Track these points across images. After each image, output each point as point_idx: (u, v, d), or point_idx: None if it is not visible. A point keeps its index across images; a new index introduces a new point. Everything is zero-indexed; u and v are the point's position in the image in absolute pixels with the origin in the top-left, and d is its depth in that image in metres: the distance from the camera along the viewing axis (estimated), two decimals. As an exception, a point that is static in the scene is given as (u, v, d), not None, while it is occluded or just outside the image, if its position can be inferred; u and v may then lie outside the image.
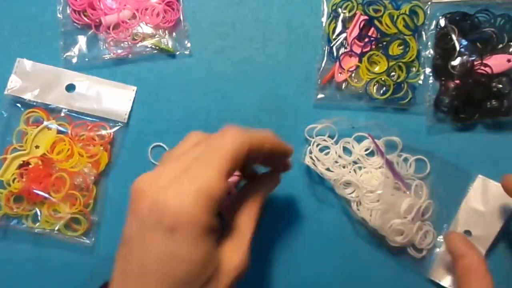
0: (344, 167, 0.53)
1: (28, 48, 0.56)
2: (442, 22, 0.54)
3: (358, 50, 0.54)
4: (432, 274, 0.52)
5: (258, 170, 0.46)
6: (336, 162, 0.53)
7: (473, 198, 0.52)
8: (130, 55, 0.56)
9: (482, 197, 0.52)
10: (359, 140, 0.54)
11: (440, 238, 0.52)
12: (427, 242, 0.51)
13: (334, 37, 0.55)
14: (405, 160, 0.53)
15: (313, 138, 0.53)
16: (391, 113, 0.55)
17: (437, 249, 0.52)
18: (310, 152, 0.53)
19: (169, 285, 0.32)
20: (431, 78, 0.54)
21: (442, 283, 0.51)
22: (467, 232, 0.51)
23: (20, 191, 0.52)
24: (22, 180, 0.52)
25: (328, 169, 0.53)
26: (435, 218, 0.52)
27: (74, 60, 0.55)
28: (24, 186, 0.51)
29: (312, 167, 0.52)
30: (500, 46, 0.53)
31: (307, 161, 0.53)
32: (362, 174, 0.52)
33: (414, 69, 0.54)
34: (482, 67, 0.52)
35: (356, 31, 0.54)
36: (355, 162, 0.53)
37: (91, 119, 0.55)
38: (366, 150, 0.53)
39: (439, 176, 0.53)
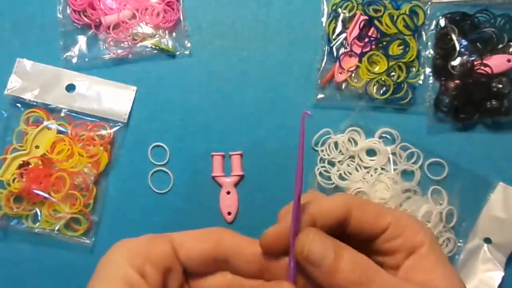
0: (351, 157, 0.53)
1: (28, 48, 0.56)
2: (442, 22, 0.54)
3: (358, 50, 0.54)
4: None
5: None
6: (341, 153, 0.53)
7: (494, 205, 0.51)
8: (130, 55, 0.56)
9: (503, 204, 0.51)
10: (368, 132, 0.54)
11: (460, 243, 0.52)
12: (447, 250, 0.51)
13: (334, 37, 0.55)
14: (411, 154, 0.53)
15: (319, 148, 0.54)
16: (391, 113, 0.55)
17: (457, 257, 0.52)
18: (321, 161, 0.54)
19: None
20: (431, 78, 0.54)
21: None
22: (487, 240, 0.51)
23: (20, 191, 0.52)
24: (22, 180, 0.52)
25: (340, 177, 0.53)
26: (455, 225, 0.52)
27: (74, 60, 0.55)
28: (24, 186, 0.51)
29: (323, 181, 0.53)
30: (500, 46, 0.53)
31: (317, 173, 0.53)
32: (374, 182, 0.52)
33: (414, 69, 0.54)
34: (482, 67, 0.52)
35: (356, 31, 0.54)
36: (352, 157, 0.53)
37: (91, 119, 0.55)
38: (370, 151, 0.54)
39: (457, 182, 0.53)
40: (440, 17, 0.54)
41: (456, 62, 0.53)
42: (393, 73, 0.54)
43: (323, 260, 0.26)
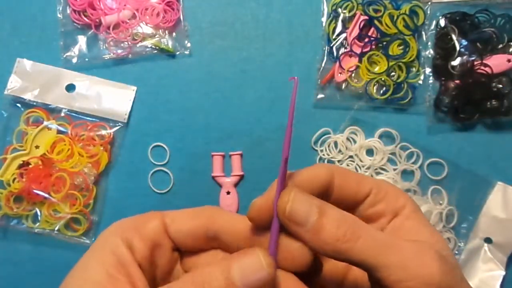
0: (350, 156, 0.54)
1: (28, 48, 0.56)
2: (442, 22, 0.54)
3: (358, 50, 0.54)
4: None
5: None
6: (341, 152, 0.53)
7: (493, 205, 0.52)
8: (130, 55, 0.56)
9: (502, 204, 0.51)
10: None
11: (460, 243, 0.52)
12: None
13: (334, 37, 0.55)
14: (410, 154, 0.53)
15: (319, 148, 0.54)
16: (391, 113, 0.55)
17: (458, 257, 0.52)
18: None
19: None
20: (431, 78, 0.54)
21: None
22: (488, 240, 0.51)
23: (20, 191, 0.52)
24: (22, 180, 0.52)
25: None
26: (455, 225, 0.52)
27: (74, 60, 0.55)
28: (24, 186, 0.51)
29: None
30: (500, 46, 0.53)
31: None
32: None
33: (414, 69, 0.54)
34: (482, 67, 0.52)
35: (356, 31, 0.54)
36: (351, 157, 0.54)
37: (91, 119, 0.55)
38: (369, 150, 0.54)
39: (457, 182, 0.53)
40: (440, 17, 0.54)
41: (456, 62, 0.53)
42: (393, 73, 0.54)
43: (307, 218, 0.25)
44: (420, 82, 0.54)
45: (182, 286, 0.25)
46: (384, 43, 0.54)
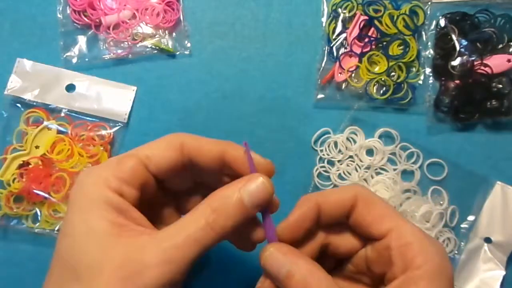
0: (350, 156, 0.53)
1: (28, 48, 0.56)
2: (442, 22, 0.54)
3: (358, 50, 0.54)
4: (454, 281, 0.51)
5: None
6: (341, 152, 0.53)
7: (493, 205, 0.52)
8: (130, 55, 0.56)
9: (502, 203, 0.51)
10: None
11: (460, 243, 0.52)
12: (448, 250, 0.51)
13: (334, 37, 0.55)
14: (411, 154, 0.53)
15: (319, 148, 0.54)
16: (391, 113, 0.55)
17: (458, 256, 0.51)
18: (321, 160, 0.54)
19: None
20: (431, 78, 0.54)
21: None
22: (487, 239, 0.51)
23: (20, 191, 0.52)
24: (22, 180, 0.52)
25: (340, 177, 0.53)
26: (455, 225, 0.52)
27: (74, 60, 0.55)
28: (24, 186, 0.51)
29: (323, 176, 0.52)
30: (500, 46, 0.53)
31: (316, 173, 0.53)
32: (373, 184, 0.52)
33: (414, 69, 0.54)
34: (482, 67, 0.52)
35: (356, 31, 0.54)
36: (351, 157, 0.54)
37: (91, 119, 0.55)
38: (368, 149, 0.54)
39: (457, 182, 0.53)
40: (440, 17, 0.54)
41: (456, 62, 0.53)
42: (393, 73, 0.54)
43: (276, 275, 0.29)
44: (420, 82, 0.54)
45: (202, 209, 0.28)
46: (384, 43, 0.54)
